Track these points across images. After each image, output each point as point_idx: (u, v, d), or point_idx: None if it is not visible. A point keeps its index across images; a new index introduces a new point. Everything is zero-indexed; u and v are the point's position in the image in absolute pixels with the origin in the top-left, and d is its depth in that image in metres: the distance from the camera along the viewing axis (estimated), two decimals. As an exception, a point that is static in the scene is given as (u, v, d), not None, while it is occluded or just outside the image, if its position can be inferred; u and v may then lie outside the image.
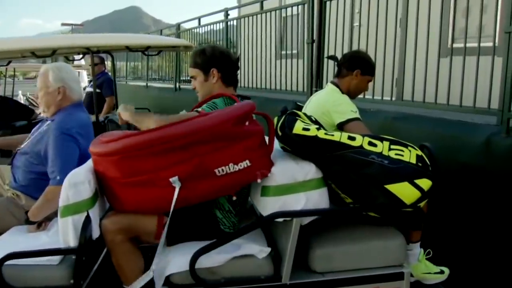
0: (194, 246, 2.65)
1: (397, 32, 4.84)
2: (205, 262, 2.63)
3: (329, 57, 3.71)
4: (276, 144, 2.90)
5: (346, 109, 3.27)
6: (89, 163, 2.81)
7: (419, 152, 2.81)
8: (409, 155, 2.75)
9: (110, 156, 2.57)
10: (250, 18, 7.28)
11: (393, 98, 4.83)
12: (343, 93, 3.46)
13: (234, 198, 2.77)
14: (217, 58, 2.96)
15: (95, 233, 2.67)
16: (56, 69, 3.39)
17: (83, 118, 3.42)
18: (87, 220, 2.62)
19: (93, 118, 6.45)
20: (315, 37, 5.46)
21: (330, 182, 2.83)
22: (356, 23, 5.65)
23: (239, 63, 3.10)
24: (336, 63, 3.60)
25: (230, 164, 2.53)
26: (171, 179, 2.48)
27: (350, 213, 3.04)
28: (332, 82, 3.56)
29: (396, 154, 2.74)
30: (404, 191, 2.65)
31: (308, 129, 2.75)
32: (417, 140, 3.90)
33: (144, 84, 12.39)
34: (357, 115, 3.27)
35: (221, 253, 2.68)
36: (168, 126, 2.49)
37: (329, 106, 3.33)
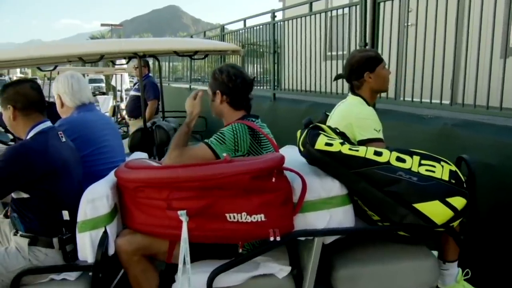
0: (212, 264, 2.62)
1: (448, 31, 4.57)
2: (223, 281, 2.60)
3: (336, 78, 3.50)
4: (301, 157, 2.83)
5: (370, 126, 3.03)
6: (109, 178, 2.85)
7: (453, 168, 2.66)
8: (441, 171, 2.61)
9: (129, 183, 2.69)
10: (297, 19, 7.11)
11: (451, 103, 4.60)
12: (368, 104, 3.21)
13: (240, 250, 2.66)
14: (222, 83, 2.93)
15: (111, 250, 2.69)
16: (55, 80, 3.75)
17: (79, 118, 3.60)
18: (105, 236, 2.64)
19: (139, 123, 6.42)
20: (367, 40, 5.26)
21: (356, 199, 2.74)
22: (409, 23, 5.42)
23: (252, 85, 3.06)
24: (346, 80, 3.36)
25: (243, 213, 2.49)
26: (179, 212, 2.50)
27: (375, 233, 2.93)
28: (354, 94, 3.26)
29: (426, 170, 2.61)
30: (435, 210, 2.53)
31: (331, 144, 2.65)
32: (479, 149, 3.70)
33: (187, 86, 12.35)
34: (379, 135, 3.03)
35: (239, 272, 2.65)
36: (186, 166, 2.56)
37: (352, 119, 3.08)
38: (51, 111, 5.39)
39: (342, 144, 2.66)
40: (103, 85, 36.84)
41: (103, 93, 31.12)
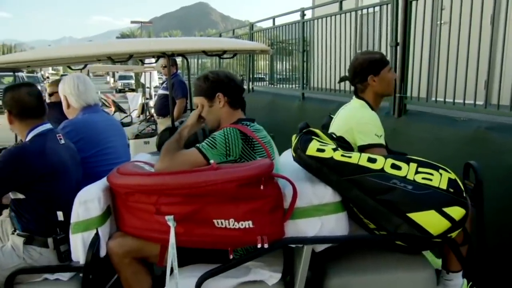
0: (203, 269, 2.60)
1: (483, 29, 4.40)
2: (211, 286, 2.58)
3: (341, 80, 3.41)
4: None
5: (370, 131, 2.92)
6: (103, 181, 2.88)
7: (453, 176, 2.54)
8: (439, 179, 2.50)
9: (120, 188, 2.74)
10: (326, 17, 7.02)
11: (485, 105, 4.45)
12: (372, 108, 3.10)
13: (231, 256, 2.63)
14: (222, 82, 2.90)
15: (103, 252, 2.73)
16: (61, 81, 3.80)
17: (83, 120, 3.64)
18: (96, 238, 2.68)
19: (167, 122, 6.42)
20: (399, 39, 5.14)
21: (352, 206, 2.66)
22: (440, 21, 5.29)
23: (244, 85, 3.01)
24: (350, 83, 3.25)
25: (231, 220, 2.47)
26: (166, 217, 2.52)
27: (367, 242, 2.86)
28: (358, 97, 3.16)
29: (423, 178, 2.50)
30: (430, 221, 2.43)
31: (323, 150, 2.58)
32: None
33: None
34: (380, 140, 2.93)
35: (228, 277, 2.62)
36: (174, 174, 2.55)
37: (353, 123, 2.98)
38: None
39: (334, 150, 2.59)
40: (133, 81, 37.12)
41: (133, 90, 31.37)
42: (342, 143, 2.84)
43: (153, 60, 6.99)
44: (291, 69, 9.35)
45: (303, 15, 7.81)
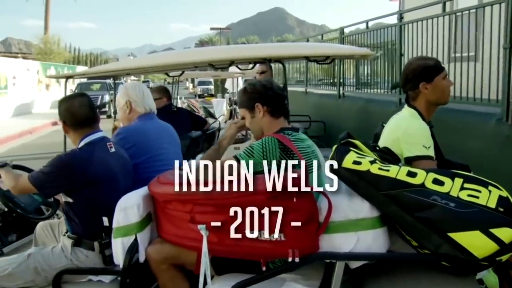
0: (238, 278, 2.60)
1: None
2: None
3: (393, 87, 3.20)
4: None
5: (418, 143, 2.78)
6: (144, 188, 2.99)
7: (504, 193, 2.32)
8: (488, 197, 2.29)
9: (158, 196, 2.84)
10: (427, 19, 6.77)
11: None
12: (424, 118, 2.92)
13: (263, 268, 2.59)
14: (259, 93, 2.93)
15: (142, 257, 2.85)
16: (123, 87, 3.95)
17: (137, 127, 3.76)
18: (134, 243, 2.80)
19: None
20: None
21: (394, 222, 2.51)
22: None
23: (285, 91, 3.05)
24: (402, 90, 3.10)
25: (263, 231, 2.47)
26: (198, 226, 2.56)
27: (405, 261, 2.67)
28: (410, 105, 2.99)
29: (469, 196, 2.31)
30: (474, 242, 2.23)
31: (359, 163, 2.47)
32: None
33: (303, 89, 12.21)
34: (429, 152, 2.76)
35: None
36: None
37: (400, 133, 2.86)
38: (184, 117, 5.53)
39: (372, 162, 2.48)
40: (211, 87, 37.86)
41: (211, 95, 31.99)
42: (386, 155, 2.74)
43: (250, 66, 7.04)
44: (381, 73, 9.10)
45: (400, 18, 7.62)
